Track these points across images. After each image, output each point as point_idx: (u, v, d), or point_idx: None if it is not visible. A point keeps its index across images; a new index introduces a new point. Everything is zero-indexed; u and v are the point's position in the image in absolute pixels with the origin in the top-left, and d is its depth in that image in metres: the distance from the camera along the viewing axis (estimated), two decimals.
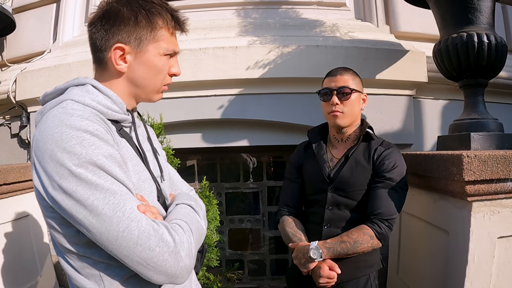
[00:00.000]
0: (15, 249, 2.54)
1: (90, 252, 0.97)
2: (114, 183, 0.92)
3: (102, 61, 1.11)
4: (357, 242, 1.73)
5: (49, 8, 3.73)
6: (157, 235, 0.93)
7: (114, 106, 1.07)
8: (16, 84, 3.42)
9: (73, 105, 0.99)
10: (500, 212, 1.85)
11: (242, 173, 3.64)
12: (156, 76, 1.12)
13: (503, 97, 3.53)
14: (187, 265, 0.98)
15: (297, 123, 3.14)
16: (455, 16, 2.43)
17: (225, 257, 3.58)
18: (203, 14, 3.39)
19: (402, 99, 3.20)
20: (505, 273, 1.87)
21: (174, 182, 1.34)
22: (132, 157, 1.08)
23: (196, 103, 3.14)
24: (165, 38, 1.11)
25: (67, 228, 0.97)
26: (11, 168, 2.46)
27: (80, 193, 0.89)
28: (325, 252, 1.75)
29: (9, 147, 3.67)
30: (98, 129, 0.95)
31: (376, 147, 1.90)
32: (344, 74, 1.91)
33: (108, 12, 1.08)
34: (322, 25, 3.35)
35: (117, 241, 0.90)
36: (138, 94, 1.14)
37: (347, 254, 1.74)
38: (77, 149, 0.90)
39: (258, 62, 3.07)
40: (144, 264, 0.92)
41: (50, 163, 0.90)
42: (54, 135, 0.91)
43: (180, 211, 1.11)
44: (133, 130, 1.15)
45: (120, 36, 1.06)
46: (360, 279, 1.87)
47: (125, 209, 0.91)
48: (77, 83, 1.08)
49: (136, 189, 1.03)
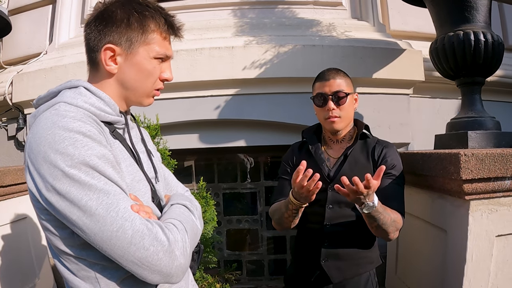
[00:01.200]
0: (12, 252, 2.53)
1: (86, 253, 0.97)
2: (107, 183, 0.93)
3: (94, 61, 1.12)
4: (394, 222, 1.70)
5: (45, 9, 3.72)
6: (151, 234, 0.93)
7: (107, 108, 1.07)
8: (13, 86, 3.41)
9: (65, 107, 0.99)
10: (498, 211, 1.85)
11: (239, 174, 3.64)
12: (146, 79, 1.12)
13: (500, 95, 3.54)
14: (182, 264, 0.98)
15: (294, 123, 3.14)
16: (452, 15, 2.43)
17: (223, 257, 3.58)
18: (199, 14, 3.39)
19: (399, 98, 3.20)
20: (503, 271, 1.87)
21: (169, 183, 1.34)
22: (125, 158, 1.08)
23: (192, 104, 3.14)
24: (157, 42, 1.11)
25: (62, 230, 0.96)
26: (7, 171, 2.45)
27: (74, 194, 0.89)
28: (379, 206, 1.64)
29: (6, 149, 3.65)
30: (91, 130, 0.95)
31: (374, 145, 1.90)
32: (337, 78, 1.88)
33: (102, 13, 1.09)
34: (318, 25, 3.35)
35: (111, 241, 0.90)
36: (129, 97, 1.14)
37: (382, 225, 1.66)
38: (70, 150, 0.90)
39: (254, 62, 3.07)
40: (138, 264, 0.92)
41: (43, 165, 0.91)
42: (47, 136, 0.91)
43: (175, 211, 1.11)
44: (126, 131, 1.15)
45: (111, 37, 1.07)
46: (361, 276, 1.87)
47: (118, 209, 0.91)
48: (70, 86, 1.08)
49: (130, 190, 1.03)
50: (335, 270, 1.84)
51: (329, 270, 1.84)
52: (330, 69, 1.95)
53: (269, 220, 3.60)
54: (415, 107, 3.32)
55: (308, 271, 1.92)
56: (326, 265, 1.85)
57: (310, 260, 1.90)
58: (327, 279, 1.85)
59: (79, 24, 3.67)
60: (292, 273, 2.04)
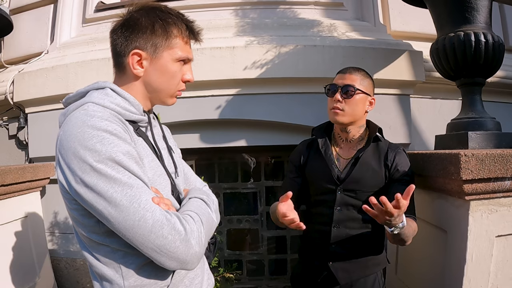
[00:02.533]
0: (13, 251, 2.54)
1: (109, 240, 1.07)
2: (131, 177, 1.01)
3: (121, 65, 1.20)
4: (414, 231, 1.74)
5: (46, 9, 3.73)
6: (169, 224, 1.02)
7: (132, 108, 1.16)
8: (14, 85, 3.41)
9: (93, 107, 1.08)
10: (498, 211, 1.85)
11: (240, 173, 3.64)
12: (170, 80, 1.21)
13: (501, 96, 3.55)
14: (197, 252, 1.07)
15: (294, 123, 3.14)
16: (452, 15, 2.43)
17: (224, 257, 3.58)
18: (201, 14, 3.38)
19: (400, 98, 3.20)
20: (503, 272, 1.88)
21: (189, 178, 1.43)
22: (148, 154, 1.16)
23: (193, 104, 3.14)
24: (179, 46, 1.19)
25: (88, 219, 1.06)
26: (9, 170, 2.46)
27: (101, 186, 0.98)
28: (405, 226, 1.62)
29: (7, 148, 3.66)
30: (117, 129, 1.04)
31: (386, 150, 1.90)
32: (354, 74, 1.89)
33: (128, 21, 1.18)
34: (319, 25, 3.36)
35: (133, 229, 0.99)
36: (153, 97, 1.23)
37: (405, 237, 1.65)
38: (98, 147, 0.99)
39: (255, 62, 3.07)
40: (157, 251, 1.01)
41: (73, 160, 0.99)
42: (77, 134, 1.00)
43: (193, 204, 1.20)
44: (149, 129, 1.24)
45: (138, 42, 1.16)
46: (368, 277, 1.88)
47: (140, 201, 1.00)
48: (97, 87, 1.16)
49: (151, 184, 1.11)
50: (342, 272, 1.85)
51: (336, 272, 1.85)
52: (354, 67, 1.97)
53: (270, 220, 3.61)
54: (415, 108, 3.32)
55: (315, 272, 1.92)
56: (333, 267, 1.85)
57: (317, 261, 1.90)
58: (334, 280, 1.86)
59: (80, 23, 3.68)
60: (298, 273, 2.04)
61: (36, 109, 3.38)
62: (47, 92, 3.22)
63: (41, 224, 2.98)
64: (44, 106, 3.30)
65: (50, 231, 3.28)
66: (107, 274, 1.09)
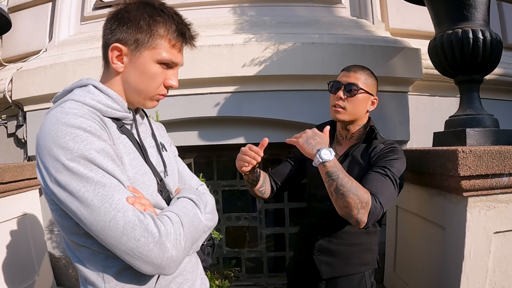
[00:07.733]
0: (12, 249, 2.54)
1: (89, 242, 1.02)
2: (104, 176, 0.96)
3: (106, 58, 1.15)
4: (356, 189, 1.59)
5: (44, 7, 3.72)
6: (142, 225, 0.95)
7: (115, 105, 1.11)
8: (12, 83, 3.41)
9: (71, 104, 1.03)
10: (495, 207, 1.86)
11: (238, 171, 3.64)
12: (149, 82, 1.14)
13: (499, 93, 3.55)
14: (174, 257, 0.99)
15: (293, 120, 3.14)
16: (450, 13, 2.43)
17: (222, 254, 3.59)
18: (199, 12, 3.39)
19: (398, 95, 3.21)
20: (501, 268, 1.88)
21: (183, 177, 1.38)
22: (130, 152, 1.11)
23: (192, 101, 3.14)
24: (164, 48, 1.12)
25: (68, 220, 1.01)
26: (7, 168, 2.46)
27: (73, 186, 0.94)
28: (334, 162, 1.61)
29: (5, 146, 3.66)
30: (92, 126, 0.99)
31: (376, 145, 1.85)
32: (358, 72, 1.88)
33: (118, 12, 1.13)
34: (317, 23, 3.36)
35: (104, 231, 0.94)
36: (133, 96, 1.17)
37: (341, 186, 1.59)
38: (70, 145, 0.95)
39: (253, 59, 3.07)
40: (130, 254, 0.95)
41: (48, 159, 0.96)
42: (51, 132, 0.97)
43: (177, 204, 1.13)
44: (134, 127, 1.19)
45: (121, 36, 1.10)
46: (354, 276, 1.86)
47: (112, 200, 0.95)
48: (80, 84, 1.13)
49: (133, 183, 1.07)
50: (325, 266, 1.85)
51: (320, 265, 1.85)
52: (359, 65, 1.96)
53: (268, 217, 3.62)
54: (413, 105, 3.32)
55: (303, 265, 1.94)
56: (318, 259, 1.86)
57: (305, 254, 1.92)
58: (319, 274, 1.86)
59: (78, 21, 3.67)
60: (291, 266, 2.07)
61: (35, 107, 3.38)
62: (46, 90, 3.22)
63: (40, 222, 2.98)
64: (43, 104, 3.29)
65: (49, 229, 3.27)
66: (90, 277, 1.05)
